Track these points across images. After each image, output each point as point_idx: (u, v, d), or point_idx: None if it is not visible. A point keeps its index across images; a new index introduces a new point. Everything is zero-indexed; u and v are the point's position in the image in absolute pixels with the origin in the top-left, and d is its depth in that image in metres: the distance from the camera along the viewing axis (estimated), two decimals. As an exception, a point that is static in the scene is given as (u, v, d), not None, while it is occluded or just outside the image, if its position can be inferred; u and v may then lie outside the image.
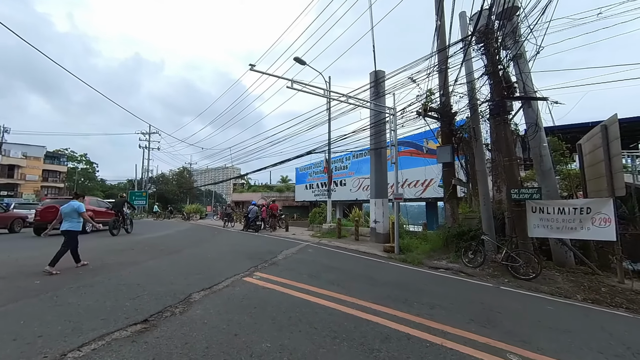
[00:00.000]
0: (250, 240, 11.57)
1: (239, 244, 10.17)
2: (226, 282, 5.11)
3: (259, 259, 7.23)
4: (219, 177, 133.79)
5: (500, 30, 7.56)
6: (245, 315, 3.71)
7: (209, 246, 9.49)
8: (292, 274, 5.97)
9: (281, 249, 9.04)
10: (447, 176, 9.49)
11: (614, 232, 6.20)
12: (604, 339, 3.84)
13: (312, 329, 3.42)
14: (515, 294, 5.79)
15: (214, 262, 6.88)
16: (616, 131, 6.30)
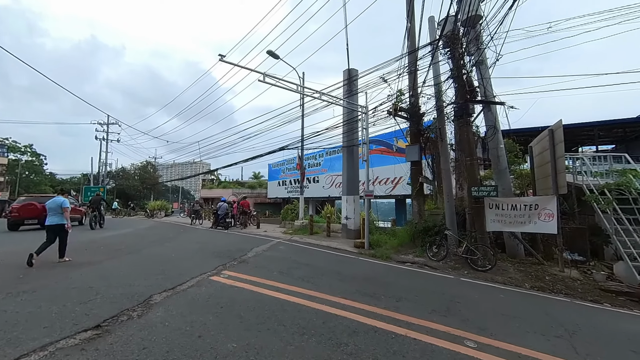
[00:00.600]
0: (219, 238, 11.18)
1: (207, 242, 9.79)
2: (191, 282, 4.89)
3: (228, 257, 7.01)
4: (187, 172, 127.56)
5: (464, 37, 8.00)
6: (210, 315, 3.57)
7: (173, 245, 9.02)
8: (262, 272, 5.87)
9: (252, 246, 8.85)
10: (415, 174, 9.91)
11: (555, 226, 6.90)
12: (547, 322, 4.26)
13: (280, 326, 3.38)
14: (473, 284, 6.21)
15: (178, 261, 6.55)
16: (560, 135, 6.98)
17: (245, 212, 15.09)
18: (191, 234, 12.24)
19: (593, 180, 8.51)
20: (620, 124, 13.58)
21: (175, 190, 73.60)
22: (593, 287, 6.37)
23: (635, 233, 7.13)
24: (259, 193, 35.92)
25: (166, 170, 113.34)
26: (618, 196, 7.57)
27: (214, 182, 42.10)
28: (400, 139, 15.44)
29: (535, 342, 3.48)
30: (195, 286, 4.71)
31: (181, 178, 54.51)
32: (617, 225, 7.41)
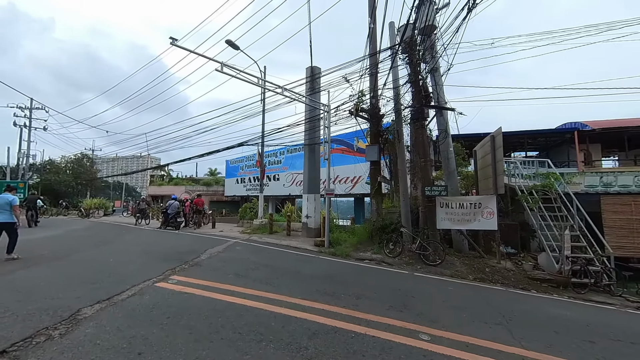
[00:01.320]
0: (168, 239, 10.26)
1: (153, 244, 8.89)
2: (132, 290, 4.33)
3: (178, 260, 6.42)
4: (133, 167, 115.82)
5: (421, 45, 8.44)
6: (154, 328, 3.18)
7: (112, 248, 8.00)
8: (216, 275, 5.48)
9: (205, 247, 8.26)
10: (374, 174, 10.23)
11: (495, 223, 7.68)
12: (488, 311, 4.67)
13: (236, 334, 3.14)
14: (425, 278, 6.59)
15: (117, 267, 5.79)
16: (500, 141, 7.77)
17: (199, 210, 14.12)
18: (135, 235, 11.04)
19: (523, 182, 9.68)
20: (543, 133, 15.70)
21: (117, 186, 66.28)
22: (523, 277, 7.22)
23: (555, 228, 8.27)
24: (215, 191, 34.06)
25: (107, 165, 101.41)
26: (543, 196, 8.69)
27: (164, 179, 38.73)
28: (361, 139, 15.86)
29: (479, 331, 3.76)
30: (136, 295, 4.18)
31: (125, 173, 49.00)
32: (541, 221, 8.52)
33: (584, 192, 9.22)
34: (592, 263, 7.24)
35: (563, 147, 15.73)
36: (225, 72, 7.28)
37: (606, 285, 6.86)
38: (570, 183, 9.12)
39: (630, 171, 9.73)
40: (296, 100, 10.23)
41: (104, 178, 44.67)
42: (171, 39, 6.34)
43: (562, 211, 8.43)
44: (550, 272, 7.47)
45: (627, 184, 9.09)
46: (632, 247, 8.78)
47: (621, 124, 13.94)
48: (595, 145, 15.49)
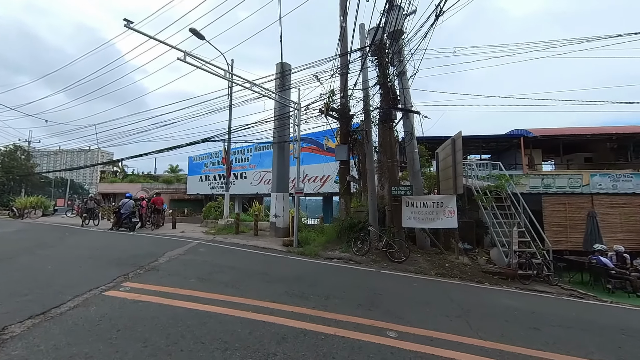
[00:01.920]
0: (122, 241, 9.36)
1: (103, 248, 8.04)
2: (74, 302, 3.82)
3: (132, 265, 5.85)
4: (80, 161, 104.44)
5: (390, 49, 8.69)
6: (101, 343, 2.82)
7: (51, 253, 7.07)
8: (176, 280, 5.08)
9: (165, 250, 7.66)
10: (343, 173, 10.33)
11: (456, 221, 8.19)
12: (449, 305, 4.94)
13: (198, 344, 2.91)
14: (391, 275, 6.80)
15: (57, 275, 5.11)
16: (460, 144, 8.30)
17: (158, 210, 13.09)
18: (81, 238, 9.90)
19: (479, 183, 10.46)
20: (495, 138, 17.18)
21: (60, 183, 59.38)
22: (478, 271, 7.79)
23: (504, 225, 9.06)
24: (177, 189, 32.01)
25: (47, 159, 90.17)
26: (495, 196, 9.46)
27: (117, 175, 35.40)
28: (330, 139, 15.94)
29: (441, 324, 3.95)
30: (79, 307, 3.70)
31: (70, 169, 43.93)
32: (493, 219, 9.28)
33: (528, 192, 10.25)
34: (535, 256, 8.05)
35: (511, 151, 17.36)
36: (189, 62, 6.79)
37: (546, 276, 7.68)
38: (518, 184, 10.07)
39: (565, 174, 11.03)
40: (265, 96, 9.94)
41: (43, 173, 39.53)
42: (126, 21, 5.71)
43: (511, 210, 9.27)
44: (501, 265, 8.16)
45: (563, 185, 10.30)
46: (566, 241, 9.96)
47: (558, 132, 15.80)
48: (537, 150, 17.37)
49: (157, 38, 6.81)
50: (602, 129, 16.46)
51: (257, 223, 11.66)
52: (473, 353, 3.16)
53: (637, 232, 9.73)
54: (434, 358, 2.98)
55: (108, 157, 67.01)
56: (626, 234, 9.34)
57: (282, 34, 11.34)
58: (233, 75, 9.35)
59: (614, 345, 3.78)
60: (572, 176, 10.52)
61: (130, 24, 5.79)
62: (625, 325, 4.78)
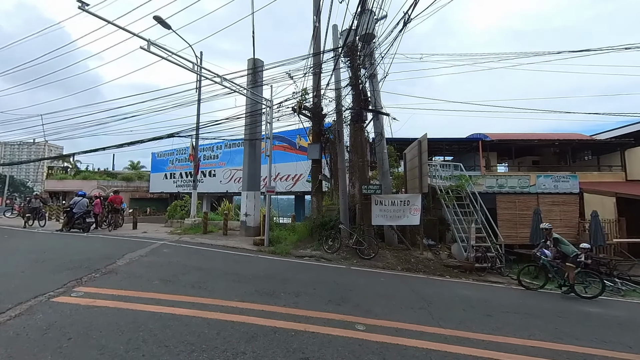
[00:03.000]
0: (74, 243, 8.55)
1: (52, 250, 7.28)
2: (17, 310, 3.45)
3: (86, 269, 5.39)
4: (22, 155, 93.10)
5: (361, 51, 8.92)
6: (49, 353, 2.58)
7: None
8: (137, 283, 4.79)
9: (124, 252, 7.15)
10: (315, 172, 10.40)
11: (419, 219, 8.62)
12: (414, 298, 5.22)
13: (161, 348, 2.79)
14: (361, 272, 7.01)
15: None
16: (425, 145, 8.77)
17: (116, 209, 12.14)
18: (24, 241, 8.89)
19: (442, 183, 11.13)
20: (457, 141, 18.42)
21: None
22: (440, 265, 8.30)
23: (464, 222, 9.75)
24: (138, 187, 29.96)
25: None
26: (456, 195, 10.13)
27: (67, 171, 32.19)
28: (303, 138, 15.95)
29: (406, 316, 4.17)
30: (24, 315, 3.34)
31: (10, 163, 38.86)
32: (454, 216, 9.94)
33: (485, 191, 11.12)
34: (489, 250, 8.76)
35: (471, 153, 18.70)
36: (153, 52, 6.37)
37: (499, 268, 8.41)
38: (476, 184, 10.88)
39: (516, 175, 12.14)
40: (236, 91, 9.66)
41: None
42: (80, 3, 5.21)
43: (470, 207, 10.00)
44: (460, 259, 8.77)
45: (514, 185, 11.34)
46: (515, 236, 10.98)
47: (510, 137, 17.36)
48: (493, 153, 18.93)
49: (117, 24, 6.31)
50: (546, 136, 18.40)
51: (227, 222, 11.33)
52: (434, 340, 3.38)
53: (573, 226, 11.05)
54: (398, 347, 3.15)
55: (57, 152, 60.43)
56: (564, 228, 10.55)
57: (254, 29, 11.13)
58: (202, 68, 8.97)
59: (551, 326, 4.27)
60: (521, 177, 11.61)
61: (85, 6, 5.30)
62: (561, 309, 5.41)
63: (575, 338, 3.87)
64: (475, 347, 3.31)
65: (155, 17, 10.07)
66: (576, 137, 17.54)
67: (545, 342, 3.63)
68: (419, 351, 3.10)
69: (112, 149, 12.88)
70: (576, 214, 11.46)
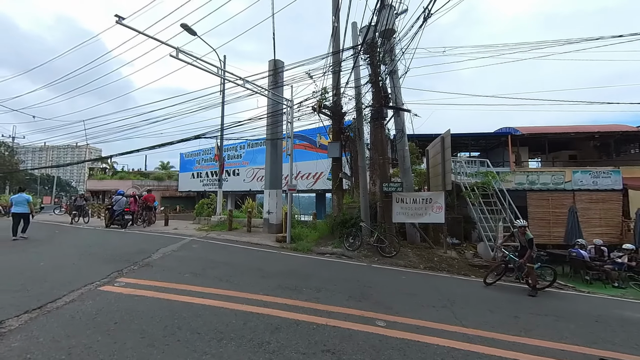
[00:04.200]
0: (114, 238, 9.32)
1: (95, 245, 8.01)
2: (70, 297, 3.88)
3: (126, 262, 5.89)
4: (67, 158, 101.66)
5: (381, 47, 8.82)
6: (99, 335, 2.91)
7: (43, 250, 7.02)
8: (170, 275, 5.16)
9: (158, 247, 7.69)
10: (335, 170, 10.47)
11: (443, 217, 8.43)
12: (436, 296, 5.16)
13: (194, 335, 3.03)
14: (382, 269, 7.01)
15: (50, 271, 5.12)
16: (449, 141, 8.53)
17: (149, 207, 13.00)
18: (72, 236, 9.81)
19: (467, 180, 10.76)
20: (483, 136, 17.59)
21: (46, 180, 58.05)
22: (465, 264, 8.08)
23: (491, 220, 9.38)
24: (168, 186, 31.68)
25: (32, 155, 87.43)
26: (482, 192, 9.77)
27: (106, 172, 34.77)
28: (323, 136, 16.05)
29: (427, 314, 4.16)
30: (76, 301, 3.76)
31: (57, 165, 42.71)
32: (480, 214, 9.60)
33: (514, 188, 10.61)
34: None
35: (499, 149, 17.81)
36: (181, 59, 6.77)
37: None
38: (504, 181, 10.41)
39: (549, 171, 11.44)
40: (258, 93, 9.96)
41: (29, 170, 38.45)
42: (117, 17, 5.66)
43: (497, 205, 9.60)
44: (487, 259, 8.48)
45: (547, 182, 10.69)
46: (548, 235, 10.38)
47: (543, 131, 16.30)
48: (524, 148, 17.87)
49: (148, 34, 6.77)
50: (585, 128, 17.04)
51: (250, 220, 11.73)
52: (456, 339, 3.36)
53: (614, 226, 10.22)
54: (419, 344, 3.17)
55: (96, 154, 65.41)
56: (604, 228, 9.81)
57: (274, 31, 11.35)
58: (225, 72, 9.34)
59: (586, 331, 4.05)
60: (555, 173, 10.93)
61: (122, 20, 5.75)
62: (599, 313, 5.09)
63: (612, 343, 3.66)
64: (499, 347, 3.25)
65: (182, 25, 10.60)
66: (620, 129, 16.09)
67: (578, 346, 3.47)
68: (440, 349, 3.10)
69: (145, 151, 13.80)
70: (619, 212, 10.59)
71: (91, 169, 36.11)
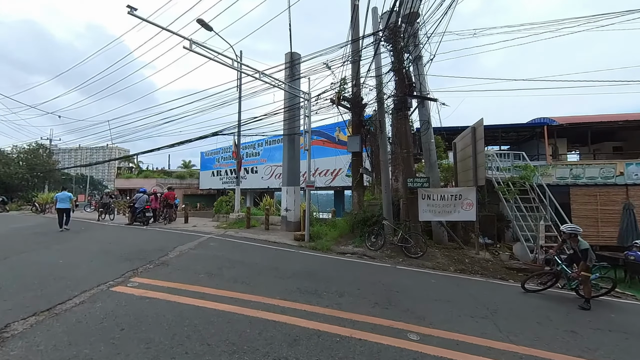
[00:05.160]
0: (134, 236, 9.41)
1: (115, 242, 8.06)
2: (81, 297, 3.72)
3: (142, 260, 5.78)
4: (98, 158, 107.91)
5: (404, 32, 8.17)
6: (103, 343, 2.66)
7: (65, 247, 7.12)
8: (185, 275, 4.95)
9: (175, 244, 7.61)
10: (355, 165, 9.97)
11: (474, 214, 7.71)
12: (473, 304, 4.58)
13: (204, 346, 2.71)
14: (408, 271, 6.47)
15: (67, 269, 5.07)
16: (481, 132, 7.76)
17: (170, 205, 13.16)
18: (96, 233, 10.03)
19: (500, 174, 9.87)
20: (515, 128, 16.27)
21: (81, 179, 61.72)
22: (500, 267, 7.33)
23: (529, 219, 8.51)
24: (190, 184, 32.49)
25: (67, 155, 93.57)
26: (519, 188, 8.88)
27: (132, 171, 36.27)
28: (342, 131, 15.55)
29: (467, 326, 3.61)
30: (86, 303, 3.59)
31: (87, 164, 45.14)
32: (516, 212, 8.74)
33: (555, 183, 9.59)
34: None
35: (533, 141, 16.39)
36: (195, 51, 6.56)
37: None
38: (544, 175, 9.43)
39: (596, 164, 10.24)
40: (275, 86, 9.64)
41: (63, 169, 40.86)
42: (129, 8, 5.52)
43: (536, 202, 8.69)
44: (526, 261, 7.66)
45: (594, 175, 9.56)
46: (596, 235, 9.29)
47: (585, 120, 14.77)
48: (562, 139, 16.33)
49: (160, 25, 6.60)
50: (636, 116, 15.26)
51: (268, 217, 11.51)
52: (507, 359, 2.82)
53: (677, 225, 8.97)
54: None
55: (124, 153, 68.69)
56: (665, 228, 8.61)
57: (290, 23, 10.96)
58: (242, 64, 9.08)
59: (667, 353, 3.34)
60: (604, 166, 9.73)
61: (133, 11, 5.59)
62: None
63: None
64: (563, 373, 2.68)
65: (198, 20, 10.46)
66: (677, 116, 14.20)
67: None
68: (489, 373, 2.58)
69: (165, 149, 13.96)
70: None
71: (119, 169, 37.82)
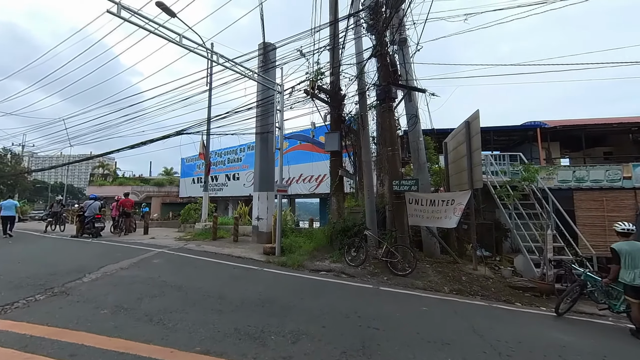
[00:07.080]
0: (65, 251, 7.80)
1: (29, 260, 6.44)
2: None
3: (37, 287, 4.29)
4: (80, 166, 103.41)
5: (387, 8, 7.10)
6: None
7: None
8: (79, 312, 3.51)
9: (107, 262, 6.09)
10: (334, 166, 8.73)
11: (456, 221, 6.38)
12: (477, 344, 3.32)
13: None
14: (393, 294, 5.18)
15: None
16: (477, 126, 6.69)
17: (127, 213, 11.52)
18: (19, 246, 8.34)
19: (497, 178, 8.83)
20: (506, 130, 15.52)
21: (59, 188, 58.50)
22: (503, 286, 6.15)
23: (531, 227, 7.42)
24: (169, 192, 30.62)
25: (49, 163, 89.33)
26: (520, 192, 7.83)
27: (106, 178, 34.07)
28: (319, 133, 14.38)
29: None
30: None
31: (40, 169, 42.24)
32: (517, 219, 7.65)
33: (557, 187, 8.62)
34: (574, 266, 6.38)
35: (525, 145, 15.64)
36: (124, 18, 5.26)
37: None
38: (544, 178, 8.45)
39: (601, 165, 9.34)
40: (244, 75, 8.40)
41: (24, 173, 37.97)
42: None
43: (536, 208, 7.64)
44: (531, 278, 6.51)
45: (599, 178, 8.62)
46: (603, 245, 8.25)
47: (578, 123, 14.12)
48: (554, 143, 15.66)
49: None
50: (628, 119, 14.76)
51: (237, 227, 10.08)
52: None
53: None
54: None
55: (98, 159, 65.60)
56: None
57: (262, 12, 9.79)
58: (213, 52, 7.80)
59: None
60: (610, 168, 8.82)
61: None
62: None
63: None
64: None
65: (157, 3, 9.22)
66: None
67: None
68: None
69: (125, 150, 12.32)
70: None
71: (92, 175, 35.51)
